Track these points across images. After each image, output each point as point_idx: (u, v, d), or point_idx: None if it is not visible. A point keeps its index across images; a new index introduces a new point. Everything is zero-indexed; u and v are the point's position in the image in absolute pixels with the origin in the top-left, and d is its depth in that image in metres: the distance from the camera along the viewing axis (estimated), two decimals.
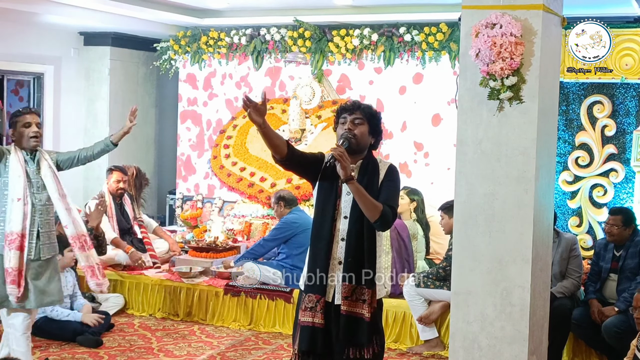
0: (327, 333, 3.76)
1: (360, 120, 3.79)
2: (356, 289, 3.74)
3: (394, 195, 3.81)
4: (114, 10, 8.02)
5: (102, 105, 9.59)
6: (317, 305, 3.75)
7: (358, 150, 3.79)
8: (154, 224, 8.10)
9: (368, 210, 3.64)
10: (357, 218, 3.72)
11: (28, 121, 4.89)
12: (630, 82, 6.77)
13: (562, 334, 5.73)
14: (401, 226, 6.51)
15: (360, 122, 3.79)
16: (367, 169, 3.79)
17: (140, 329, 6.65)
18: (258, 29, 8.86)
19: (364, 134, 3.79)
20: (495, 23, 3.71)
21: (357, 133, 3.77)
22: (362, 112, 3.81)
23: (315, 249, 3.80)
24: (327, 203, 3.79)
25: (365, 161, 3.82)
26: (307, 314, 3.77)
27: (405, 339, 6.31)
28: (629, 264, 5.75)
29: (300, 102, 8.55)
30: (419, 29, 7.99)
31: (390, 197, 3.76)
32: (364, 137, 3.79)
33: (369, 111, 3.83)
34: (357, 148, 3.77)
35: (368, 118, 3.81)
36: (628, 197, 6.83)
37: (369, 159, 3.83)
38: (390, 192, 3.77)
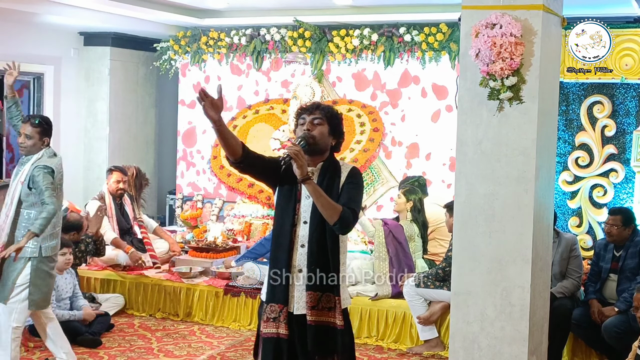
0: (291, 344, 3.60)
1: (319, 121, 3.64)
2: (322, 297, 3.59)
3: (355, 198, 3.62)
4: (114, 10, 8.03)
5: (102, 106, 9.59)
6: (280, 315, 3.59)
7: (318, 151, 3.64)
8: (154, 224, 8.10)
9: (326, 211, 3.48)
10: (317, 223, 3.56)
11: (19, 131, 5.21)
12: (630, 82, 6.77)
13: (562, 334, 5.73)
14: (396, 228, 6.49)
15: (320, 122, 3.64)
16: (328, 171, 3.65)
17: (140, 329, 6.65)
18: (258, 29, 8.86)
19: (323, 135, 3.64)
20: (495, 23, 3.71)
21: (316, 134, 3.61)
22: (322, 112, 3.66)
23: (275, 257, 3.65)
24: (286, 208, 3.63)
25: (325, 163, 3.67)
26: (270, 324, 3.60)
27: (405, 339, 6.31)
28: (629, 264, 5.75)
29: (300, 102, 8.54)
30: (419, 29, 8.00)
31: (352, 199, 3.59)
32: (324, 137, 3.64)
33: (328, 111, 3.69)
34: (317, 149, 3.63)
35: (328, 118, 3.66)
36: (628, 197, 6.83)
37: (329, 161, 3.69)
38: (351, 194, 3.61)
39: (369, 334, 6.42)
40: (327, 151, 3.68)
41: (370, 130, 8.29)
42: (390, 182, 8.03)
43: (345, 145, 8.26)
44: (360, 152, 8.15)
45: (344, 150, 8.20)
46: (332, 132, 3.68)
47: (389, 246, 6.40)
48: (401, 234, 6.48)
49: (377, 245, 6.45)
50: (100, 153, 9.56)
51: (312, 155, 3.62)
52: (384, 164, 8.35)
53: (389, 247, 6.40)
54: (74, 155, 9.44)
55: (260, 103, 9.05)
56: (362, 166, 8.09)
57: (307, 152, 3.57)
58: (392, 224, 6.53)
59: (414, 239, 6.58)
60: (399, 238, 6.45)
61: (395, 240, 6.42)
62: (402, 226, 6.55)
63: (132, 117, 9.86)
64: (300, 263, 3.59)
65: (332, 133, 3.68)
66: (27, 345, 6.01)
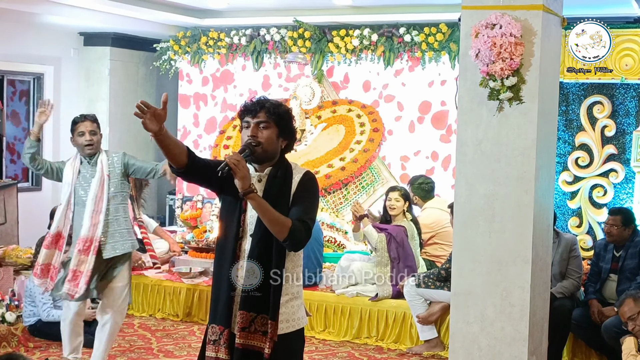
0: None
1: (265, 124, 3.21)
2: (256, 319, 3.19)
3: (308, 209, 3.22)
4: (114, 10, 8.02)
5: (102, 106, 9.58)
6: (221, 338, 3.23)
7: (266, 157, 3.25)
8: (154, 225, 8.10)
9: (273, 227, 3.10)
10: (262, 236, 3.17)
11: (81, 130, 5.18)
12: (630, 82, 6.77)
13: (562, 335, 5.73)
14: (397, 232, 6.48)
15: (266, 125, 3.21)
16: (277, 177, 3.25)
17: (140, 329, 6.65)
18: (258, 29, 8.86)
19: (270, 139, 3.22)
20: (495, 23, 3.71)
21: (263, 140, 3.20)
22: (268, 113, 3.22)
23: (219, 273, 3.30)
24: (231, 219, 3.25)
25: (274, 169, 3.27)
26: (210, 347, 3.26)
27: (405, 339, 6.32)
28: (629, 265, 5.75)
29: (300, 103, 8.55)
30: (418, 30, 7.99)
31: (304, 210, 3.18)
32: (271, 142, 3.23)
33: (276, 111, 3.24)
34: (265, 156, 3.24)
35: (275, 120, 3.23)
36: (628, 198, 6.83)
37: (279, 166, 3.28)
38: (304, 205, 3.20)
39: (369, 334, 6.43)
40: (276, 155, 3.29)
41: (370, 130, 8.29)
42: (390, 183, 8.03)
43: (345, 145, 8.28)
44: (360, 152, 8.15)
45: (343, 150, 8.22)
46: (282, 134, 3.26)
47: (391, 252, 6.40)
48: (401, 234, 6.47)
49: (380, 251, 6.43)
50: None
51: (259, 162, 3.26)
52: (384, 164, 8.35)
53: (391, 252, 6.40)
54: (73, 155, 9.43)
55: None
56: (362, 166, 8.09)
57: (254, 160, 3.24)
58: (391, 228, 6.51)
59: (414, 237, 6.58)
60: (400, 238, 6.44)
61: (396, 243, 6.41)
62: (403, 227, 6.54)
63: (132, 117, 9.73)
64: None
65: (282, 135, 3.26)
66: (27, 346, 6.01)
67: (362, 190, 8.20)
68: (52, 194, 9.05)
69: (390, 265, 6.40)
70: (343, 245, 7.80)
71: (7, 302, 6.18)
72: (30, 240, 7.29)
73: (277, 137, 3.24)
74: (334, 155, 8.22)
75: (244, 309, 3.19)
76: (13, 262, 6.80)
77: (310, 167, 8.08)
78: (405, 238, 6.47)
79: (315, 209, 3.31)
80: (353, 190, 8.17)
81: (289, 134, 3.29)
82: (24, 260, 6.79)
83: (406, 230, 6.51)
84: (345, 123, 8.41)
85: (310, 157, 8.28)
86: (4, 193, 7.65)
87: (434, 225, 6.92)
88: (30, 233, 7.66)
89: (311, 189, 3.27)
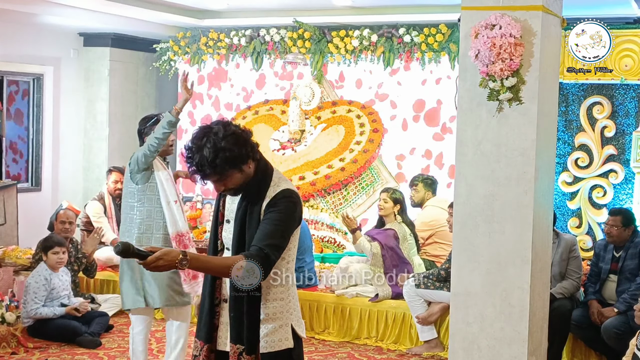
0: None
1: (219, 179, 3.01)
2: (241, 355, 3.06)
3: (271, 232, 2.96)
4: (114, 11, 8.02)
5: (101, 106, 9.58)
6: (200, 354, 3.14)
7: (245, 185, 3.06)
8: None
9: (225, 276, 2.98)
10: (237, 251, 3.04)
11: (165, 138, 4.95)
12: (630, 83, 6.77)
13: (561, 335, 5.73)
14: (385, 238, 6.47)
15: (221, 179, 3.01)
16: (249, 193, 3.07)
17: None
18: (257, 29, 8.86)
19: (236, 180, 3.02)
20: (494, 24, 3.71)
21: (230, 186, 3.04)
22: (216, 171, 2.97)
23: (204, 286, 3.21)
24: (213, 231, 3.22)
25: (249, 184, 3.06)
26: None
27: (405, 340, 6.32)
28: (629, 265, 5.75)
29: (300, 103, 8.55)
30: (418, 30, 8.00)
31: (265, 234, 2.95)
32: (238, 180, 3.02)
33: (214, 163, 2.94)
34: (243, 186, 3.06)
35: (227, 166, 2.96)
36: (627, 198, 6.83)
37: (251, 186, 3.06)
38: (267, 228, 2.97)
39: (369, 335, 6.43)
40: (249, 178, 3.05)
41: (369, 131, 8.29)
42: (390, 183, 8.03)
43: (345, 145, 8.29)
44: (359, 153, 8.15)
45: (343, 150, 8.22)
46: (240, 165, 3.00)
47: (385, 259, 6.40)
48: (391, 240, 6.46)
49: (376, 258, 6.43)
50: (100, 154, 9.55)
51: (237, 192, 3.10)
52: (383, 164, 8.35)
53: (385, 260, 6.40)
54: (73, 155, 9.44)
55: (260, 104, 9.05)
56: (361, 167, 8.10)
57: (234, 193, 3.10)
58: (379, 235, 6.51)
59: (407, 238, 6.57)
60: (391, 245, 6.43)
61: (388, 250, 6.41)
62: (393, 229, 6.53)
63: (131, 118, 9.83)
64: (225, 292, 3.13)
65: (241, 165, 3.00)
66: (26, 346, 6.01)
67: (361, 190, 8.19)
68: (52, 194, 9.06)
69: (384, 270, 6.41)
70: (343, 246, 7.80)
71: (7, 302, 6.18)
72: (30, 241, 7.29)
73: (239, 172, 3.01)
74: (333, 155, 8.23)
75: (232, 341, 3.06)
76: (13, 262, 6.80)
77: (310, 168, 8.09)
78: (396, 242, 6.46)
79: (284, 233, 3.01)
80: (353, 190, 8.17)
81: (245, 158, 3.00)
82: (24, 260, 6.79)
83: (396, 233, 6.51)
84: (344, 123, 8.42)
85: (310, 158, 8.28)
86: (4, 193, 7.65)
87: (433, 223, 6.93)
88: (30, 233, 7.66)
89: (282, 210, 3.00)
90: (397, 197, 6.64)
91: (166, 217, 4.89)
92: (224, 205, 3.16)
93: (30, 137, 9.09)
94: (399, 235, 6.49)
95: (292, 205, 3.03)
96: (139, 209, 4.90)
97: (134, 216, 4.90)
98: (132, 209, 4.92)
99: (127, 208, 4.95)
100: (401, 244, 6.49)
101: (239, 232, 3.06)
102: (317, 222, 7.93)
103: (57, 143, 9.21)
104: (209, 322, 3.14)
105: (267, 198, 3.03)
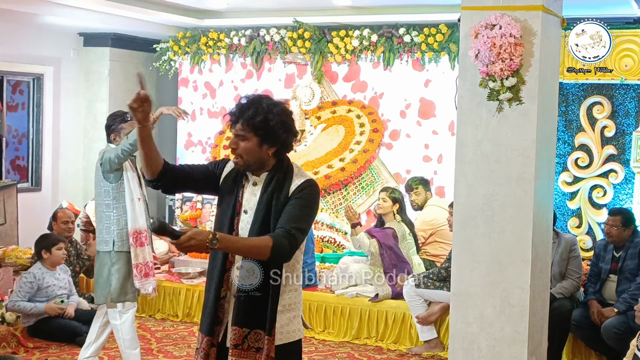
0: None
1: (242, 135, 3.05)
2: (249, 335, 3.06)
3: (297, 217, 3.02)
4: (114, 11, 8.02)
5: (101, 106, 9.57)
6: (201, 347, 3.13)
7: (254, 167, 3.10)
8: None
9: (253, 255, 3.00)
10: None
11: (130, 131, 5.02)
12: (630, 83, 6.77)
13: (561, 335, 5.73)
14: (384, 237, 6.48)
15: (243, 136, 3.04)
16: (272, 182, 3.09)
17: (139, 329, 6.64)
18: (258, 29, 8.86)
19: (250, 151, 3.05)
20: (494, 24, 3.71)
21: (241, 152, 3.06)
22: (245, 124, 3.03)
23: (210, 276, 3.22)
24: (223, 222, 3.16)
25: (270, 174, 3.11)
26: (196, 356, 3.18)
27: (405, 340, 6.32)
28: (629, 265, 5.75)
29: (300, 103, 8.55)
30: (418, 30, 7.99)
31: (292, 219, 3.01)
32: (252, 153, 3.06)
33: (251, 122, 3.02)
34: (251, 166, 3.10)
35: (254, 129, 3.03)
36: (627, 198, 6.83)
37: (276, 170, 3.11)
38: (293, 213, 3.02)
39: (369, 335, 6.43)
40: (268, 160, 3.11)
41: (369, 130, 8.28)
42: (390, 183, 8.03)
43: (345, 145, 8.29)
44: (359, 153, 8.15)
45: (343, 150, 8.22)
46: (264, 142, 3.05)
47: (383, 258, 6.40)
48: (390, 239, 6.47)
49: (374, 255, 6.44)
50: None
51: (252, 171, 3.13)
52: (383, 164, 8.35)
53: (383, 259, 6.41)
54: (73, 155, 9.43)
55: None
56: (361, 167, 8.10)
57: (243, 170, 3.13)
58: (379, 234, 6.51)
59: (406, 237, 6.58)
60: (389, 244, 6.44)
61: (387, 249, 6.41)
62: (392, 228, 6.54)
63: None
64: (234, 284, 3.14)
65: (265, 143, 3.05)
66: (26, 346, 6.02)
67: (361, 190, 8.20)
68: (52, 194, 9.05)
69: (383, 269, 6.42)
70: (342, 246, 7.80)
71: (7, 302, 6.19)
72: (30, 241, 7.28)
73: (258, 146, 3.05)
74: (333, 155, 8.23)
75: (236, 324, 3.06)
76: (13, 262, 6.80)
77: (310, 168, 8.09)
78: (394, 241, 6.47)
79: (308, 219, 3.09)
80: (353, 190, 8.17)
81: (274, 140, 3.06)
82: (24, 260, 6.79)
83: (395, 232, 6.51)
84: (344, 123, 8.42)
85: (310, 158, 8.28)
86: (3, 193, 7.65)
87: (433, 222, 6.94)
88: (30, 233, 7.65)
89: (307, 197, 3.07)
90: (396, 196, 6.64)
91: (128, 213, 4.98)
92: (242, 196, 3.14)
93: (30, 137, 9.09)
94: (398, 234, 6.50)
95: (316, 193, 3.13)
96: (115, 207, 4.99)
97: (111, 214, 4.98)
98: (108, 207, 5.01)
99: (102, 207, 5.03)
100: (400, 243, 6.50)
101: (261, 221, 3.07)
102: (317, 222, 7.93)
103: (57, 143, 9.21)
104: (213, 315, 3.12)
105: (293, 186, 3.08)
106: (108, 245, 4.98)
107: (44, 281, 6.26)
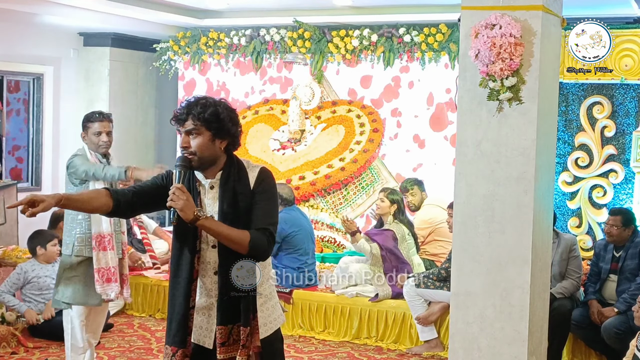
0: None
1: (195, 132, 3.01)
2: (232, 330, 3.06)
3: (268, 213, 3.05)
4: (114, 10, 8.03)
5: (101, 106, 9.54)
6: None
7: (207, 163, 3.06)
8: (154, 225, 8.10)
9: (232, 246, 2.97)
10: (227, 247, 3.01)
11: (98, 130, 5.05)
12: (630, 82, 6.77)
13: (561, 335, 5.73)
14: (384, 239, 6.47)
15: (196, 132, 3.01)
16: (230, 179, 3.06)
17: (139, 329, 6.65)
18: (258, 29, 8.86)
19: (203, 146, 3.02)
20: (494, 24, 3.71)
21: (195, 148, 3.01)
22: (194, 119, 3.00)
23: (173, 291, 3.15)
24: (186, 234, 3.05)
25: (225, 172, 3.07)
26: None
27: (405, 340, 6.32)
28: (629, 265, 5.75)
29: (300, 103, 8.55)
30: (418, 30, 8.00)
31: (264, 215, 3.03)
32: (205, 148, 3.02)
33: (202, 116, 3.00)
34: (204, 163, 3.06)
35: (205, 124, 3.00)
36: (628, 198, 6.83)
37: (230, 167, 3.08)
38: (264, 208, 3.04)
39: (369, 335, 6.43)
40: (220, 157, 3.09)
41: (369, 130, 8.29)
42: (390, 183, 8.03)
43: (345, 145, 8.29)
44: (359, 153, 8.15)
45: (343, 150, 8.22)
46: (216, 136, 3.03)
47: (384, 260, 6.41)
48: (389, 241, 6.46)
49: (374, 257, 6.44)
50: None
51: (204, 170, 3.08)
52: (383, 164, 8.35)
53: (384, 261, 6.41)
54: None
55: (259, 103, 9.05)
56: (361, 167, 8.09)
57: (197, 168, 3.07)
58: (378, 237, 6.51)
59: (406, 238, 6.58)
60: (389, 246, 6.43)
61: (387, 252, 6.41)
62: (391, 230, 6.53)
63: (131, 118, 9.85)
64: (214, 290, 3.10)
65: (217, 137, 3.04)
66: (26, 346, 6.01)
67: (361, 190, 8.20)
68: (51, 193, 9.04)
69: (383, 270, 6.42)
70: (343, 246, 7.80)
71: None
72: None
73: (211, 141, 3.03)
74: (333, 155, 8.23)
75: (221, 323, 3.05)
76: (13, 262, 6.80)
77: (310, 168, 8.09)
78: (394, 243, 6.46)
79: (276, 209, 3.14)
80: (353, 190, 8.17)
81: (226, 133, 3.05)
82: (24, 260, 6.79)
83: (395, 234, 6.51)
84: (344, 123, 8.42)
85: (310, 158, 8.28)
86: (3, 193, 7.64)
87: (432, 220, 6.95)
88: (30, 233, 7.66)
89: (268, 188, 3.10)
90: (394, 197, 6.64)
91: (91, 217, 4.87)
92: (201, 203, 3.08)
93: (30, 137, 9.09)
94: (397, 235, 6.50)
95: (274, 180, 3.18)
96: None
97: (76, 217, 4.88)
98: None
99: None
100: (400, 244, 6.50)
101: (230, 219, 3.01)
102: (317, 222, 7.93)
103: (57, 143, 9.21)
104: (184, 327, 3.06)
105: (251, 178, 3.09)
106: (68, 249, 4.87)
107: (35, 273, 6.26)
